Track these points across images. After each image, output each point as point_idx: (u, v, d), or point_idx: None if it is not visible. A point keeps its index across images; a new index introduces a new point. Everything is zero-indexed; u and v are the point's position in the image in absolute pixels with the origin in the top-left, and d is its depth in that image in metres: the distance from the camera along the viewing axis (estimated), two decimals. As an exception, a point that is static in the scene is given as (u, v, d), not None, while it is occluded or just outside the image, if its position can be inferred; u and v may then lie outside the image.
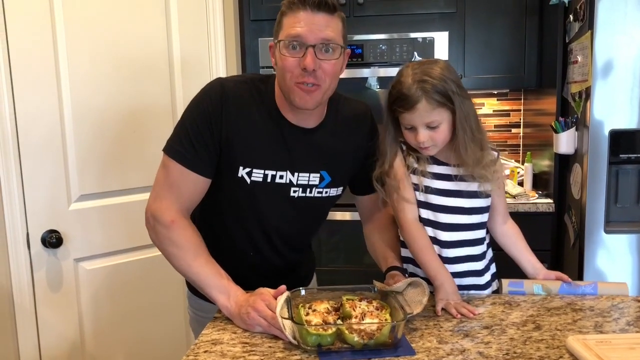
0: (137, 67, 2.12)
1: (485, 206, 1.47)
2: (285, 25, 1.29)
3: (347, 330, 1.13)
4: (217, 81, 1.41)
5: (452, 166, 1.44)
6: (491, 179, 1.42)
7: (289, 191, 1.42)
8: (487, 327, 1.23)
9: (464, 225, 1.45)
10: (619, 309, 1.32)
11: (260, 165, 1.38)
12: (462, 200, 1.44)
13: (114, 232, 2.11)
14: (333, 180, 1.46)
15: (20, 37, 1.85)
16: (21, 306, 1.92)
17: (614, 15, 2.11)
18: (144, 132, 2.13)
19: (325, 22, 1.27)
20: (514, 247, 1.53)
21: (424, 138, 1.36)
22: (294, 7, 1.27)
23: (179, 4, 2.21)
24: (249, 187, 1.39)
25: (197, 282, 1.36)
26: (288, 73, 1.30)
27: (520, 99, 3.15)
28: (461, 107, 1.35)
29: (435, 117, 1.34)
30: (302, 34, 1.26)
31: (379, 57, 2.61)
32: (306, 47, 1.27)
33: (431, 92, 1.32)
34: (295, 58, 1.28)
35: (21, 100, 1.86)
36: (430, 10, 2.66)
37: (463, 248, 1.45)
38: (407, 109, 1.34)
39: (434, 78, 1.33)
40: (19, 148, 1.87)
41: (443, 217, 1.44)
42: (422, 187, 1.43)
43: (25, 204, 1.90)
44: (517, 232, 1.54)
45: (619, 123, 2.16)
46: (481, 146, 1.40)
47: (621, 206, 2.25)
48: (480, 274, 1.48)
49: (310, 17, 1.26)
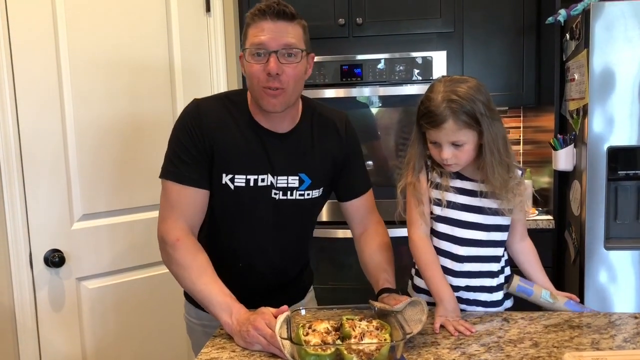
0: (139, 86, 2.15)
1: (506, 224, 1.48)
2: (250, 35, 1.38)
3: (346, 350, 1.14)
4: (192, 102, 1.50)
5: (475, 182, 1.46)
6: (513, 201, 1.44)
7: (270, 193, 1.47)
8: (484, 345, 1.24)
9: (482, 241, 1.46)
10: (616, 325, 1.32)
11: (242, 171, 1.44)
12: (483, 216, 1.45)
13: (116, 251, 2.12)
14: (313, 182, 1.51)
15: (25, 57, 1.88)
16: (23, 325, 1.93)
17: (609, 34, 2.13)
18: (146, 152, 2.16)
19: (285, 30, 1.36)
20: (529, 265, 1.54)
21: (448, 155, 1.38)
22: (256, 18, 1.37)
23: (180, 22, 2.26)
24: (233, 193, 1.45)
25: (201, 301, 1.39)
26: (255, 79, 1.38)
27: (519, 116, 3.17)
28: (489, 129, 1.36)
29: (460, 137, 1.36)
30: (264, 41, 1.35)
31: (378, 76, 2.64)
32: (269, 53, 1.35)
33: (459, 112, 1.33)
34: (260, 64, 1.36)
35: (25, 119, 1.90)
36: (429, 30, 2.70)
37: (479, 264, 1.46)
38: (434, 126, 1.37)
39: (462, 98, 1.34)
40: (23, 168, 1.90)
41: (461, 232, 1.45)
42: (444, 202, 1.44)
43: (29, 223, 1.93)
44: (533, 252, 1.55)
45: (616, 140, 2.17)
46: (508, 169, 1.41)
47: (621, 222, 2.25)
48: (492, 290, 1.48)
49: (271, 25, 1.35)
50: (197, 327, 1.61)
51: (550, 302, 1.43)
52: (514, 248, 1.55)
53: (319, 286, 1.83)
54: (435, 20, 2.70)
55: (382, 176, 2.66)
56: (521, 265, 1.55)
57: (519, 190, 1.45)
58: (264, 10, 1.35)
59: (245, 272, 1.54)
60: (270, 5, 1.35)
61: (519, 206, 1.48)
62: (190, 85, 2.30)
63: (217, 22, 2.41)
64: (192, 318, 1.63)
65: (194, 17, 2.33)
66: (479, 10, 2.71)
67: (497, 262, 1.48)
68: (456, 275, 1.46)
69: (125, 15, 2.10)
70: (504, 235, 1.49)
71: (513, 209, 1.45)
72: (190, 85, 2.30)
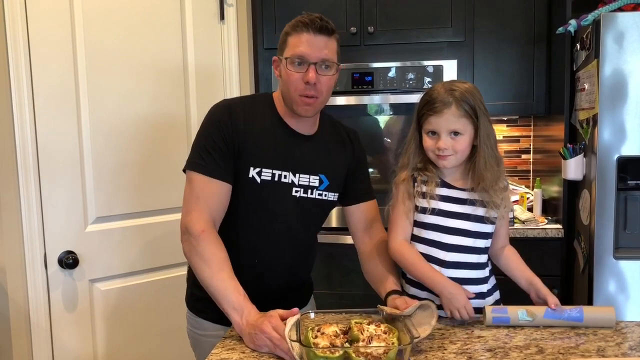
0: (153, 91, 2.19)
1: (490, 232, 1.52)
2: (290, 44, 1.47)
3: (354, 353, 1.16)
4: (221, 101, 1.58)
5: (462, 190, 1.50)
6: (499, 206, 1.48)
7: (291, 190, 1.53)
8: (490, 350, 1.25)
9: (467, 247, 1.49)
10: (622, 333, 1.33)
11: (269, 165, 1.50)
12: (468, 223, 1.49)
13: (129, 254, 2.16)
14: (331, 184, 1.58)
15: (43, 61, 1.93)
16: (37, 325, 1.97)
17: (620, 44, 2.14)
18: (160, 156, 2.19)
19: (325, 44, 1.46)
20: (511, 265, 1.56)
21: (446, 145, 1.43)
22: (298, 29, 1.46)
23: (194, 29, 2.30)
24: (258, 187, 1.50)
25: (215, 296, 1.42)
26: (292, 85, 1.47)
27: (529, 125, 3.18)
28: (485, 125, 1.45)
29: (459, 126, 1.43)
30: (306, 53, 1.44)
31: (389, 84, 2.66)
32: (308, 64, 1.44)
33: (460, 100, 1.42)
34: (299, 73, 1.45)
35: (42, 123, 1.94)
36: (440, 39, 2.72)
37: (465, 270, 1.49)
38: (436, 112, 1.43)
39: (463, 90, 1.44)
40: (39, 170, 1.94)
41: (448, 238, 1.48)
42: (429, 209, 1.48)
43: (44, 225, 1.97)
44: (513, 253, 1.59)
45: (626, 150, 2.18)
46: (498, 163, 1.48)
47: (630, 232, 2.25)
48: (484, 296, 1.51)
49: (312, 38, 1.44)
50: (203, 339, 1.62)
51: (529, 320, 1.41)
52: (495, 254, 1.59)
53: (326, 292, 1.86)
54: (446, 29, 2.72)
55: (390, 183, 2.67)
56: (509, 272, 1.57)
57: (505, 195, 1.49)
58: (307, 23, 1.44)
59: (260, 270, 1.57)
60: (314, 20, 1.44)
61: (502, 217, 1.52)
62: (203, 91, 2.33)
63: (230, 30, 2.45)
64: (197, 330, 1.64)
65: (208, 24, 2.37)
66: (490, 19, 2.74)
67: (482, 269, 1.52)
68: None
69: (142, 21, 2.14)
70: (487, 242, 1.53)
71: (497, 216, 1.49)
72: (204, 90, 2.34)
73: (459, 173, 1.52)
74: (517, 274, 1.54)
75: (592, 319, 1.40)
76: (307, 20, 1.44)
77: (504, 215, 1.53)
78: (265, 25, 2.78)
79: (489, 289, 1.53)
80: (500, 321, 1.42)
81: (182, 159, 1.51)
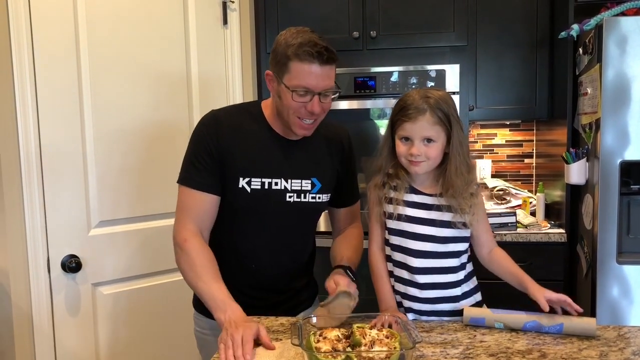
0: (156, 95, 2.20)
1: (460, 236, 1.52)
2: (294, 71, 1.43)
3: (356, 357, 1.16)
4: (209, 113, 1.60)
5: (427, 195, 1.52)
6: (467, 212, 1.49)
7: (284, 197, 1.55)
8: (493, 355, 1.25)
9: (435, 253, 1.50)
10: (625, 338, 1.33)
11: (258, 174, 1.52)
12: (434, 229, 1.50)
13: (131, 258, 2.16)
14: (323, 186, 1.61)
15: (46, 67, 1.94)
16: (40, 329, 1.97)
17: (622, 48, 2.15)
18: (162, 160, 2.20)
19: (328, 74, 1.46)
20: (500, 269, 1.55)
21: (419, 151, 1.45)
22: (304, 58, 1.42)
23: (197, 34, 2.31)
24: (249, 196, 1.52)
25: (202, 297, 1.46)
26: (292, 110, 1.47)
27: (532, 129, 3.18)
28: (457, 133, 1.46)
29: (433, 133, 1.44)
30: (312, 86, 1.44)
31: (391, 88, 2.66)
32: (313, 94, 1.44)
33: (434, 107, 1.44)
34: (302, 101, 1.45)
35: (46, 128, 1.95)
36: (442, 44, 2.73)
37: (434, 275, 1.51)
38: (411, 118, 1.44)
39: (437, 98, 1.45)
40: (43, 175, 1.95)
41: (414, 244, 1.50)
42: (395, 214, 1.51)
43: (47, 229, 1.97)
44: (501, 257, 1.56)
45: (629, 154, 2.18)
46: (469, 170, 1.50)
47: (633, 237, 2.25)
48: (457, 300, 1.52)
49: (318, 70, 1.43)
50: (209, 338, 1.64)
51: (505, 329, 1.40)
52: (484, 260, 1.58)
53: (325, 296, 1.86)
54: (448, 33, 2.72)
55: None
56: (500, 276, 1.55)
57: (475, 201, 1.50)
58: (314, 54, 1.41)
59: (259, 274, 1.59)
60: (321, 53, 1.41)
61: (477, 221, 1.52)
62: (206, 95, 2.34)
63: (233, 34, 2.46)
64: (203, 329, 1.66)
65: (211, 29, 2.38)
66: (492, 24, 2.74)
67: (453, 273, 1.52)
68: (414, 286, 1.51)
69: (145, 27, 2.15)
70: (458, 246, 1.52)
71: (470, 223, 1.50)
72: (207, 95, 2.35)
73: (429, 179, 1.54)
74: (508, 277, 1.53)
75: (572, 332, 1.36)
76: (314, 51, 1.40)
77: (477, 220, 1.52)
78: (267, 29, 2.78)
79: (464, 291, 1.54)
80: (475, 322, 1.43)
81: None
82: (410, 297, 1.52)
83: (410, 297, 1.52)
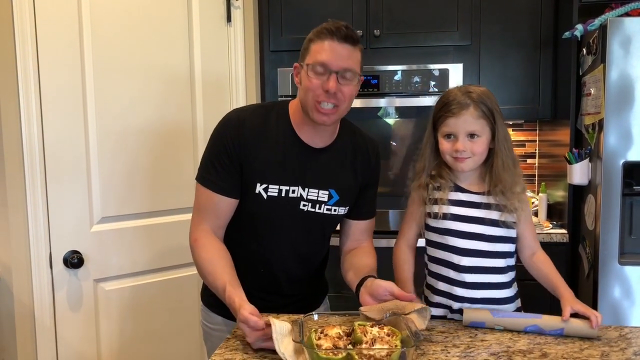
0: (160, 94, 2.20)
1: (507, 236, 1.50)
2: (313, 50, 1.43)
3: (357, 355, 1.16)
4: (233, 112, 1.56)
5: (475, 193, 1.49)
6: (516, 209, 1.46)
7: (299, 204, 1.52)
8: (494, 354, 1.25)
9: (484, 252, 1.47)
10: (626, 339, 1.33)
11: (276, 181, 1.49)
12: (483, 227, 1.47)
13: (134, 254, 2.16)
14: (341, 199, 1.56)
15: (50, 65, 1.94)
16: (42, 324, 1.97)
17: (626, 49, 2.14)
18: (164, 158, 2.20)
19: (348, 53, 1.42)
20: (540, 273, 1.52)
21: (464, 147, 1.43)
22: (322, 36, 1.42)
23: (201, 32, 2.31)
24: (265, 202, 1.50)
25: (216, 291, 1.46)
26: (311, 92, 1.42)
27: (535, 129, 3.18)
28: (502, 127, 1.46)
29: (477, 127, 1.43)
30: (327, 61, 1.40)
31: (394, 87, 2.66)
32: (330, 72, 1.40)
33: (478, 101, 1.43)
34: (319, 81, 1.41)
35: (49, 125, 1.95)
36: (446, 43, 2.73)
37: (483, 275, 1.48)
38: (454, 114, 1.43)
39: (480, 92, 1.44)
40: (46, 172, 1.95)
41: (461, 242, 1.47)
42: (440, 214, 1.48)
43: (50, 224, 1.98)
44: (542, 261, 1.53)
45: (632, 155, 2.17)
46: (515, 165, 1.48)
47: (635, 238, 2.25)
48: (500, 302, 1.49)
49: (336, 46, 1.40)
50: (214, 333, 1.65)
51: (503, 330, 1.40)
52: (526, 263, 1.56)
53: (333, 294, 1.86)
54: (452, 33, 2.72)
55: (396, 186, 2.68)
56: (539, 280, 1.53)
57: (522, 198, 1.48)
58: (333, 30, 1.40)
59: (265, 277, 1.59)
60: (340, 28, 1.40)
61: (523, 221, 1.50)
62: (210, 94, 2.34)
63: (237, 32, 2.46)
64: (209, 323, 1.67)
65: (215, 27, 2.38)
66: (496, 24, 2.74)
67: (502, 274, 1.50)
68: (461, 286, 1.48)
69: (148, 25, 2.15)
70: (506, 246, 1.50)
71: (515, 223, 1.48)
72: (210, 93, 2.35)
73: (474, 177, 1.51)
74: (544, 281, 1.50)
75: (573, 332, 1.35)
76: (333, 27, 1.40)
77: (524, 219, 1.50)
78: (271, 27, 2.78)
79: (509, 295, 1.51)
80: (475, 325, 1.42)
81: (187, 161, 1.53)
82: (455, 297, 1.48)
83: (455, 297, 1.48)
